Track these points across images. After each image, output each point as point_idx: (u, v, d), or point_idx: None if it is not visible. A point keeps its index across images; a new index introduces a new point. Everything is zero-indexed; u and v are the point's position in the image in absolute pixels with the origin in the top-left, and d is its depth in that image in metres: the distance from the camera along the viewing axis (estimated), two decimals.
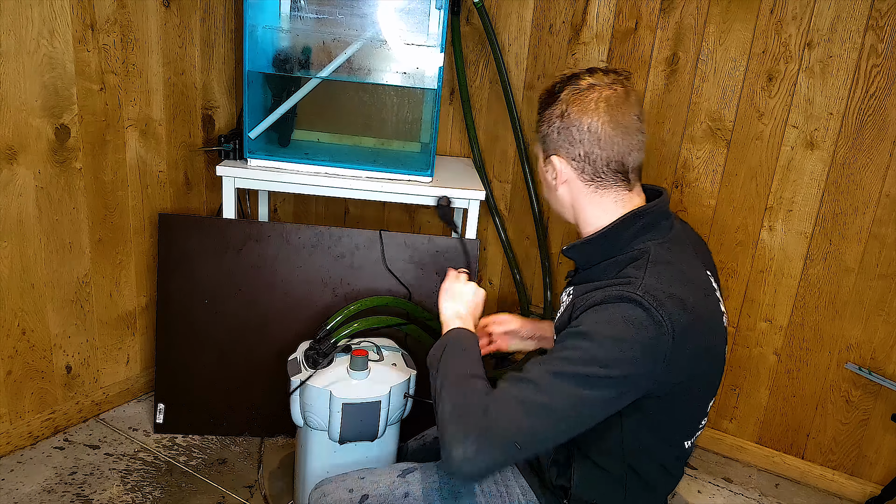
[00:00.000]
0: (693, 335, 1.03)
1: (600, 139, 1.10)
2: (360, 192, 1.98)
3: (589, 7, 2.15)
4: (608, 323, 1.00)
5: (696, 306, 1.05)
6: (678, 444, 1.16)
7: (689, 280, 1.08)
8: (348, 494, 1.24)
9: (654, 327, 0.99)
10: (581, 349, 0.99)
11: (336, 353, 1.63)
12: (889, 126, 1.82)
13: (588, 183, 1.14)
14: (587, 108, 1.10)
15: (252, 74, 1.94)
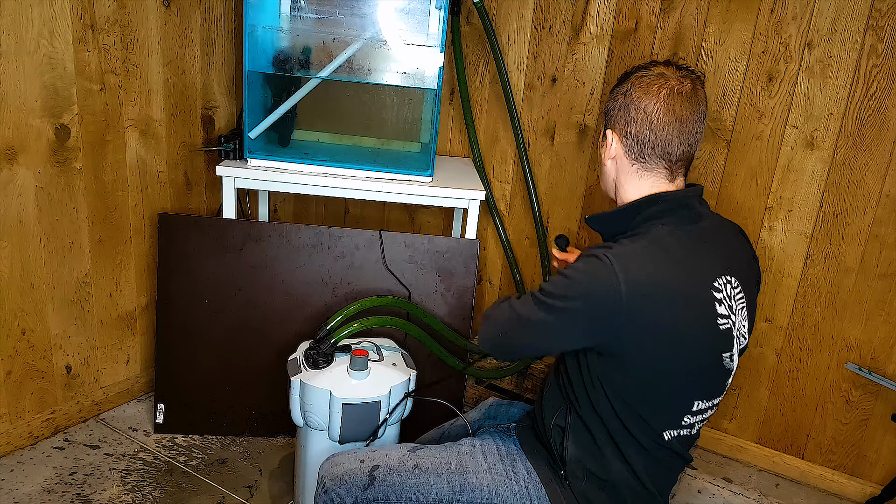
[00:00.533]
0: (654, 311, 1.09)
1: (652, 122, 1.18)
2: (360, 192, 1.98)
3: (589, 7, 2.15)
4: (573, 269, 1.14)
5: (671, 289, 1.11)
6: (652, 426, 1.18)
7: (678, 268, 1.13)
8: (359, 464, 1.30)
9: (606, 281, 1.09)
10: (547, 284, 1.17)
11: (336, 353, 1.63)
12: (889, 126, 1.82)
13: (633, 162, 1.23)
14: (650, 91, 1.18)
15: (252, 74, 1.94)
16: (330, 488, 1.28)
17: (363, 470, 1.29)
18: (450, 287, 2.00)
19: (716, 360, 1.18)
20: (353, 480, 1.28)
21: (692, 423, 1.22)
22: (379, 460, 1.31)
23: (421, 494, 1.26)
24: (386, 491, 1.27)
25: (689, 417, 1.21)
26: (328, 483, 1.30)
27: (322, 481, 1.31)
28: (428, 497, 1.26)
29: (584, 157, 2.26)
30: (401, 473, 1.29)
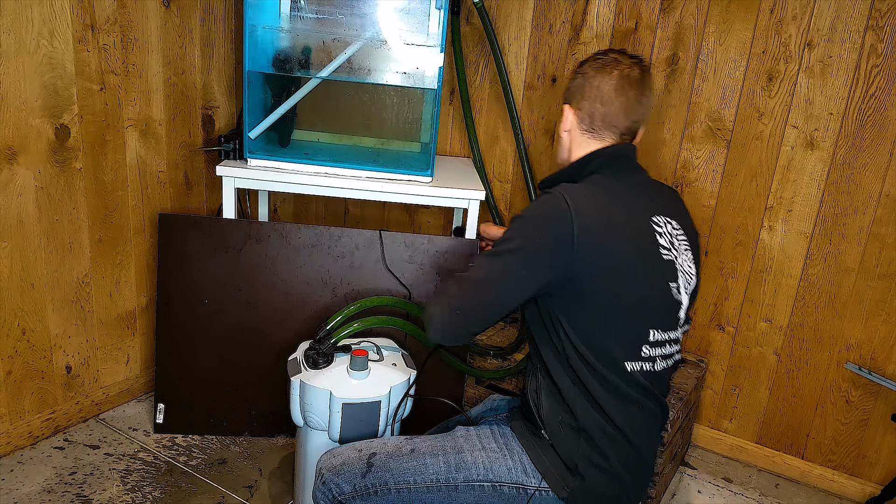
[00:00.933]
0: (601, 237, 1.22)
1: (603, 98, 1.34)
2: (360, 192, 1.98)
3: (589, 7, 2.16)
4: (526, 211, 1.25)
5: (614, 217, 1.25)
6: (613, 357, 1.25)
7: (619, 201, 1.28)
8: (357, 454, 1.34)
9: (559, 211, 1.21)
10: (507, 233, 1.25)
11: (336, 353, 1.63)
12: (889, 126, 1.82)
13: (584, 132, 1.39)
14: (603, 71, 1.35)
15: (252, 74, 1.94)
16: (328, 479, 1.30)
17: (361, 458, 1.32)
18: None
19: (662, 287, 1.28)
20: (350, 469, 1.30)
21: (652, 356, 1.28)
22: (376, 448, 1.34)
23: (418, 475, 1.29)
24: (384, 476, 1.29)
25: (648, 349, 1.27)
26: (326, 474, 1.31)
27: (320, 473, 1.33)
28: (425, 477, 1.29)
29: None
30: (397, 458, 1.31)
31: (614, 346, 1.25)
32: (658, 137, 2.13)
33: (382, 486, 1.29)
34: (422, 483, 1.29)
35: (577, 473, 1.27)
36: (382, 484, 1.29)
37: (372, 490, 1.29)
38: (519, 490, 1.29)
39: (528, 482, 1.29)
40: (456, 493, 1.29)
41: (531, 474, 1.29)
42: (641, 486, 1.34)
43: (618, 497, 1.30)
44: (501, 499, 1.29)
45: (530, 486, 1.29)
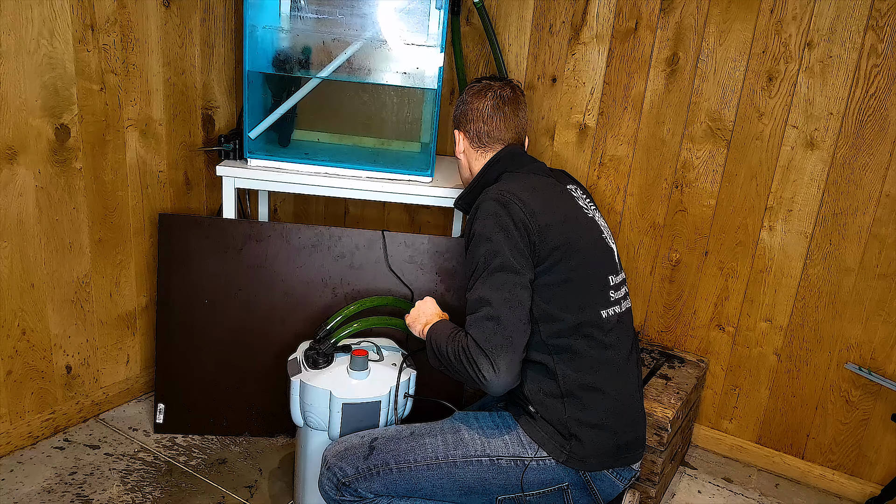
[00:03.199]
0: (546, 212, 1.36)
1: (484, 118, 1.55)
2: (360, 192, 1.98)
3: (589, 7, 2.15)
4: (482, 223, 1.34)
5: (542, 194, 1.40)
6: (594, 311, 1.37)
7: (533, 187, 1.42)
8: (360, 439, 1.41)
9: (504, 206, 1.33)
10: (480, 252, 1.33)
11: (336, 353, 1.63)
12: (889, 126, 1.82)
13: (477, 149, 1.58)
14: (479, 96, 1.56)
15: (252, 74, 1.94)
16: (333, 464, 1.36)
17: (363, 443, 1.39)
18: (450, 287, 2.00)
19: (598, 240, 1.45)
20: (353, 453, 1.37)
21: (616, 298, 1.43)
22: (378, 433, 1.43)
23: (418, 454, 1.36)
24: (385, 457, 1.36)
25: (612, 292, 1.42)
26: (331, 460, 1.37)
27: (325, 460, 1.39)
28: (425, 455, 1.35)
29: (584, 157, 2.27)
30: (398, 440, 1.39)
31: (589, 301, 1.38)
32: (658, 137, 2.13)
33: (384, 465, 1.35)
34: (422, 461, 1.34)
35: (571, 436, 1.33)
36: (384, 464, 1.35)
37: (374, 471, 1.34)
38: (517, 462, 1.35)
39: (524, 454, 1.35)
40: (455, 468, 1.34)
41: (527, 446, 1.35)
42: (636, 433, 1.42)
43: (614, 447, 1.37)
44: (500, 472, 1.34)
45: (527, 457, 1.35)
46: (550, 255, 1.34)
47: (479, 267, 1.33)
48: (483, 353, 1.26)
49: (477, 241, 1.35)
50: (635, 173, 2.19)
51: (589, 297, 1.38)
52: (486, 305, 1.29)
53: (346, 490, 1.34)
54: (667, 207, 2.16)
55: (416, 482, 1.34)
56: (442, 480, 1.35)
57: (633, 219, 2.23)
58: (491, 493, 1.36)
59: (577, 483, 1.36)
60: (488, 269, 1.31)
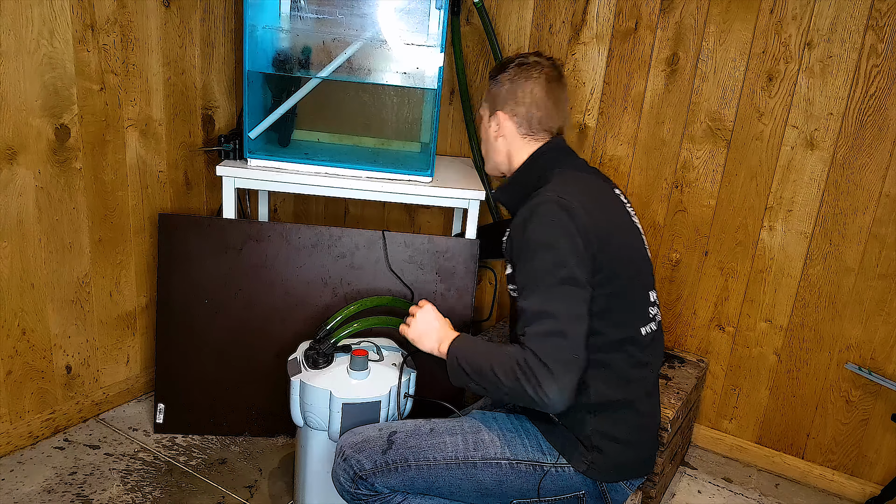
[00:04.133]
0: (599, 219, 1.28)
1: (538, 102, 1.43)
2: (360, 192, 1.98)
3: (589, 7, 2.15)
4: (545, 229, 1.25)
5: (596, 199, 1.33)
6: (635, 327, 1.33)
7: (590, 190, 1.36)
8: (377, 432, 1.38)
9: (568, 212, 1.25)
10: (544, 260, 1.23)
11: (336, 353, 1.63)
12: (889, 126, 1.82)
13: (524, 136, 1.46)
14: (531, 77, 1.43)
15: (252, 74, 1.94)
16: (349, 455, 1.34)
17: (381, 436, 1.36)
18: (450, 287, 2.00)
19: (643, 252, 1.40)
20: (371, 446, 1.34)
21: (653, 314, 1.39)
22: (396, 427, 1.39)
23: (438, 453, 1.33)
24: (404, 453, 1.33)
25: (651, 309, 1.39)
26: (347, 451, 1.35)
27: (341, 451, 1.36)
28: (445, 454, 1.33)
29: (584, 157, 2.26)
30: (417, 436, 1.35)
31: (632, 317, 1.34)
32: (658, 137, 2.13)
33: (402, 462, 1.32)
34: (441, 460, 1.32)
35: (594, 447, 1.31)
36: (402, 460, 1.32)
37: (392, 466, 1.32)
38: (535, 467, 1.33)
39: (544, 459, 1.33)
40: (474, 469, 1.32)
41: (547, 452, 1.33)
42: (653, 447, 1.41)
43: (638, 462, 1.36)
44: (518, 476, 1.33)
45: (546, 462, 1.33)
46: (606, 267, 1.28)
47: (540, 277, 1.23)
48: (548, 370, 1.17)
49: (537, 247, 1.25)
50: (635, 173, 2.19)
51: (633, 312, 1.34)
52: (549, 319, 1.20)
53: (363, 483, 1.32)
54: (667, 207, 2.16)
55: (433, 480, 1.33)
56: (460, 481, 1.33)
57: None
58: (507, 496, 1.35)
59: (593, 492, 1.35)
60: (553, 281, 1.22)
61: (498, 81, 1.46)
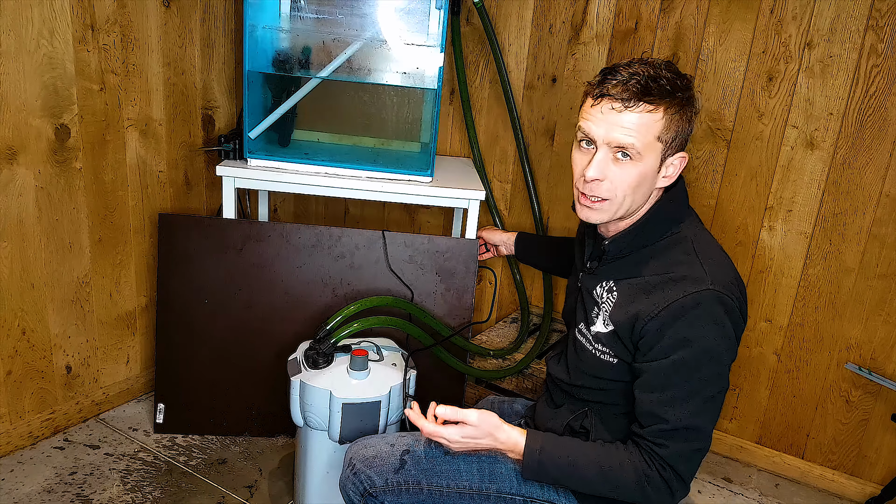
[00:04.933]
0: (743, 302, 1.16)
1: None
2: (360, 192, 1.98)
3: (589, 7, 2.15)
4: (706, 332, 1.10)
5: (736, 275, 1.18)
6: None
7: (721, 252, 1.20)
8: (389, 448, 1.31)
9: (730, 315, 1.11)
10: (704, 372, 1.10)
11: (336, 353, 1.63)
12: (889, 126, 1.82)
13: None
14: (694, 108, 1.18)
15: (252, 74, 1.94)
16: (360, 469, 1.29)
17: (394, 453, 1.30)
18: (450, 287, 2.00)
19: None
20: (383, 463, 1.29)
21: None
22: (409, 445, 1.32)
23: (452, 480, 1.27)
24: (417, 475, 1.28)
25: None
26: (358, 464, 1.30)
27: (351, 463, 1.31)
28: (458, 483, 1.27)
29: None
30: (431, 459, 1.29)
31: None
32: None
33: (415, 484, 1.28)
34: (454, 488, 1.27)
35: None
36: (415, 483, 1.28)
37: (404, 487, 1.27)
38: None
39: (560, 501, 1.28)
40: (487, 502, 1.28)
41: (563, 494, 1.27)
42: None
43: None
44: None
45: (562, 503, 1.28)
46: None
47: (697, 388, 1.11)
48: (684, 483, 1.13)
49: (697, 354, 1.10)
50: None
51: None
52: (699, 436, 1.12)
53: (372, 500, 1.29)
54: None
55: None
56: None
57: None
58: None
59: None
60: (709, 395, 1.12)
61: (692, 110, 1.16)
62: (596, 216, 1.19)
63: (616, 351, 1.20)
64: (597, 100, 1.14)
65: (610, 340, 1.20)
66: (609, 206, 1.17)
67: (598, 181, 1.15)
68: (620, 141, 1.12)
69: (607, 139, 1.13)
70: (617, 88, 1.11)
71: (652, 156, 1.14)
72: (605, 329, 1.22)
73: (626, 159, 1.13)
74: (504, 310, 2.54)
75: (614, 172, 1.14)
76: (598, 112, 1.13)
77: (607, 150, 1.14)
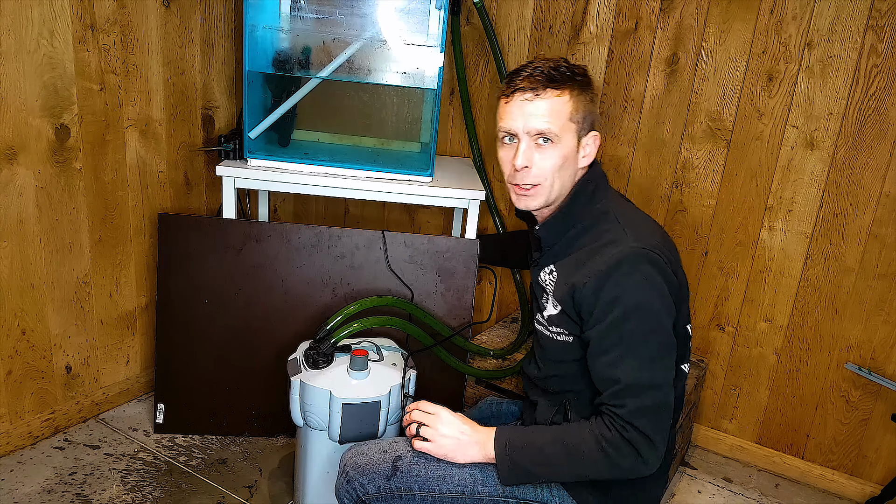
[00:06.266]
0: (676, 266, 1.22)
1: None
2: (360, 192, 1.98)
3: (589, 7, 2.15)
4: (634, 290, 1.15)
5: (665, 239, 1.25)
6: (683, 369, 1.29)
7: (654, 226, 1.27)
8: (382, 454, 1.32)
9: (656, 267, 1.16)
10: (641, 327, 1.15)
11: (336, 353, 1.63)
12: (889, 126, 1.82)
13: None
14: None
15: (252, 74, 1.94)
16: (353, 477, 1.30)
17: (386, 460, 1.31)
18: (450, 287, 2.00)
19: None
20: (375, 470, 1.29)
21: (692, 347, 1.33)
22: (402, 451, 1.32)
23: (444, 485, 1.28)
24: (409, 482, 1.28)
25: (690, 343, 1.32)
26: (351, 472, 1.31)
27: (345, 470, 1.32)
28: (450, 488, 1.28)
29: None
30: (424, 465, 1.30)
31: (684, 358, 1.29)
32: (658, 137, 2.13)
33: (407, 490, 1.28)
34: (447, 493, 1.27)
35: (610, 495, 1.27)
36: (407, 489, 1.28)
37: (396, 493, 1.28)
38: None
39: (553, 501, 1.28)
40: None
41: (556, 494, 1.28)
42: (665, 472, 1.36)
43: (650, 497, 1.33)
44: None
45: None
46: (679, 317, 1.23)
47: (638, 344, 1.15)
48: (650, 442, 1.13)
49: (630, 311, 1.15)
50: (635, 173, 2.19)
51: (684, 355, 1.29)
52: (653, 391, 1.15)
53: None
54: (667, 207, 2.16)
55: None
56: None
57: None
58: None
59: None
60: (652, 349, 1.16)
61: (592, 92, 1.27)
62: (533, 202, 1.28)
63: (569, 329, 1.25)
64: (509, 96, 1.24)
65: (561, 320, 1.26)
66: (542, 189, 1.26)
67: (527, 168, 1.24)
68: (539, 127, 1.22)
69: (527, 129, 1.23)
70: (525, 81, 1.22)
71: (568, 136, 1.24)
72: (555, 310, 1.27)
73: (547, 144, 1.23)
74: (504, 310, 2.54)
75: (539, 158, 1.24)
76: (513, 107, 1.24)
77: (528, 139, 1.23)
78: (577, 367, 1.27)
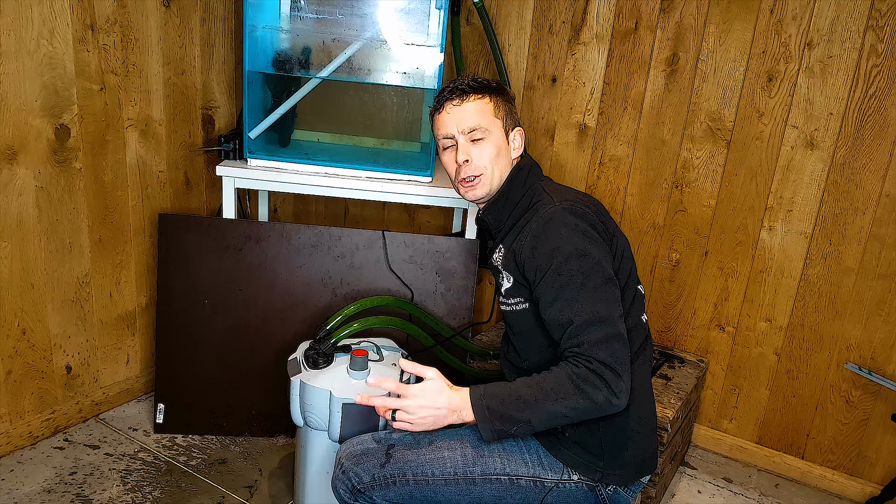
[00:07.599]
0: (604, 219, 1.35)
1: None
2: (360, 192, 1.98)
3: (589, 7, 2.15)
4: (569, 239, 1.27)
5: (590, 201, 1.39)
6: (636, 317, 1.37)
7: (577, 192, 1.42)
8: (376, 445, 1.37)
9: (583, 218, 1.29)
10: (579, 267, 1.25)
11: (336, 353, 1.63)
12: (889, 126, 1.82)
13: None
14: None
15: (252, 74, 1.94)
16: (348, 468, 1.33)
17: (380, 449, 1.35)
18: (450, 287, 2.00)
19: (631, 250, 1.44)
20: (370, 459, 1.33)
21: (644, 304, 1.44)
22: (395, 440, 1.37)
23: (436, 468, 1.32)
24: (402, 467, 1.32)
25: (641, 296, 1.42)
26: (346, 463, 1.34)
27: (340, 463, 1.36)
28: (443, 470, 1.32)
29: (584, 157, 2.27)
30: (416, 450, 1.34)
31: (636, 307, 1.37)
32: (658, 137, 2.13)
33: (401, 476, 1.32)
34: (440, 475, 1.31)
35: (605, 452, 1.31)
36: (401, 475, 1.32)
37: (390, 480, 1.31)
38: (536, 483, 1.32)
39: (545, 475, 1.32)
40: (473, 486, 1.32)
41: (549, 468, 1.32)
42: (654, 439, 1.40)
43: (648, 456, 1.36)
44: (519, 492, 1.32)
45: (548, 479, 1.32)
46: (619, 265, 1.34)
47: (579, 284, 1.24)
48: (615, 373, 1.19)
49: (566, 258, 1.25)
50: (635, 173, 2.19)
51: (635, 303, 1.37)
52: (604, 324, 1.22)
53: (361, 496, 1.32)
54: (667, 207, 2.16)
55: (432, 495, 1.32)
56: (459, 496, 1.32)
57: (633, 219, 2.23)
58: None
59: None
60: (595, 285, 1.24)
61: (511, 97, 1.49)
62: (480, 191, 1.44)
63: (523, 294, 1.35)
64: (440, 109, 1.43)
65: (515, 289, 1.36)
66: (485, 179, 1.42)
67: (468, 162, 1.41)
68: (470, 124, 1.40)
69: (461, 128, 1.41)
70: (453, 94, 1.42)
71: (496, 130, 1.43)
72: (509, 283, 1.38)
73: (480, 139, 1.41)
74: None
75: (476, 152, 1.41)
76: (445, 115, 1.42)
77: (464, 138, 1.41)
78: (541, 335, 1.34)
